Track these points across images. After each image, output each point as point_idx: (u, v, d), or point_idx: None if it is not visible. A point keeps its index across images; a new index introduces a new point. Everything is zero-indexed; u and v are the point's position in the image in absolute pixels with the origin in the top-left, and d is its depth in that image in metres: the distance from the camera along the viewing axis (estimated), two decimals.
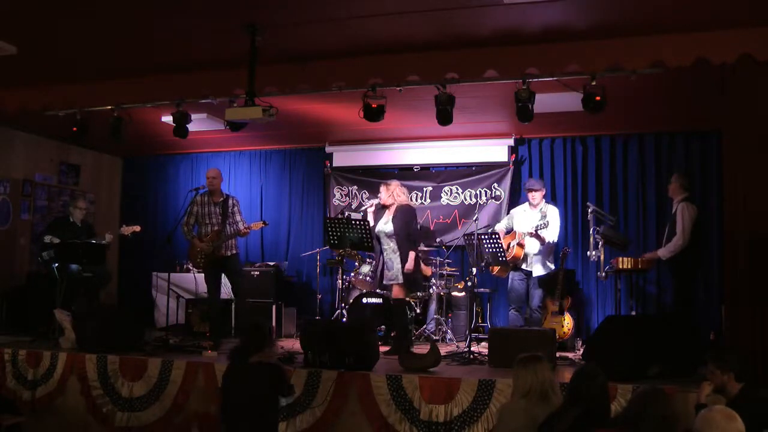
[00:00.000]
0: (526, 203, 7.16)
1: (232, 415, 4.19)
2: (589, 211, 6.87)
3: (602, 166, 8.09)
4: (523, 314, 7.02)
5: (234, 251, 6.86)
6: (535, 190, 7.01)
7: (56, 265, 7.03)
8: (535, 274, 6.91)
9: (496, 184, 8.39)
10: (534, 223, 6.75)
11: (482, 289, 7.69)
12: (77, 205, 7.80)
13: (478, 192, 8.47)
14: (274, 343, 4.45)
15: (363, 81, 5.68)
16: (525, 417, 3.52)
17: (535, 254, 6.87)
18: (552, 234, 6.81)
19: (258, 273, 8.22)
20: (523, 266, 6.90)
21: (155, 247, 8.71)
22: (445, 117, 5.76)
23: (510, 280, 7.04)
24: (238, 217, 6.84)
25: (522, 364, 3.72)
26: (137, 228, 7.48)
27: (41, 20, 5.02)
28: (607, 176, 8.07)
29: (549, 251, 6.94)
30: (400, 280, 6.30)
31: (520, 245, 6.82)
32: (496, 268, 6.93)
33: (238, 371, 4.30)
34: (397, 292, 6.39)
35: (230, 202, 6.87)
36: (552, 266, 6.98)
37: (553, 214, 6.93)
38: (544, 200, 7.11)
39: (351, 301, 7.29)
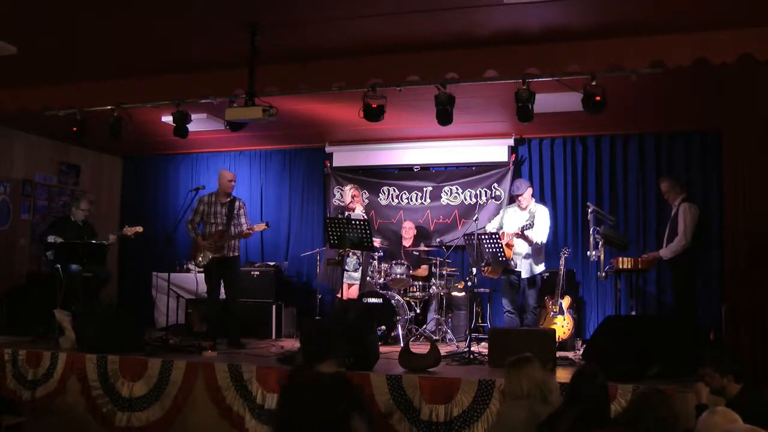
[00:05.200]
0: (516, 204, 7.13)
1: None
2: (589, 211, 6.86)
3: (602, 166, 8.09)
4: (518, 316, 7.00)
5: (236, 253, 6.92)
6: (520, 195, 6.93)
7: (59, 266, 7.03)
8: (523, 276, 6.88)
9: (496, 184, 8.39)
10: (521, 224, 6.72)
11: (482, 289, 7.68)
12: (80, 207, 7.80)
13: (478, 192, 8.47)
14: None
15: (363, 81, 5.68)
16: (523, 417, 3.53)
17: (523, 256, 6.84)
18: (539, 234, 6.74)
19: (258, 273, 8.22)
20: (512, 267, 6.86)
21: (155, 247, 8.71)
22: (445, 117, 5.76)
23: (503, 286, 7.02)
24: (242, 219, 6.89)
25: (513, 368, 3.72)
26: (140, 229, 7.48)
27: (41, 20, 5.02)
28: (607, 176, 8.06)
29: (537, 252, 6.88)
30: None
31: (509, 246, 6.79)
32: (488, 269, 6.80)
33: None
34: None
35: (237, 203, 6.92)
36: (539, 268, 6.91)
37: (542, 214, 6.86)
38: (533, 200, 7.06)
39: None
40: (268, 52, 5.25)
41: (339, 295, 7.42)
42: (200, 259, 6.84)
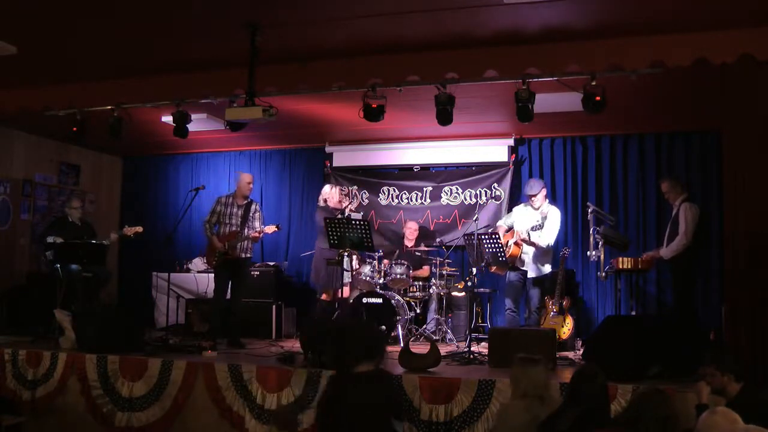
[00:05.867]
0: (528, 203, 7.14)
1: None
2: (589, 211, 6.86)
3: (602, 166, 8.09)
4: (520, 315, 7.02)
5: (249, 254, 6.98)
6: (534, 195, 6.90)
7: (59, 266, 7.03)
8: (529, 276, 6.91)
9: (496, 184, 8.39)
10: (532, 224, 6.74)
11: (482, 289, 7.69)
12: (72, 206, 7.82)
13: (478, 192, 8.47)
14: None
15: (363, 81, 5.68)
16: (523, 417, 3.53)
17: (531, 255, 6.86)
18: (547, 237, 6.76)
19: (258, 273, 8.22)
20: (519, 265, 6.90)
21: (155, 247, 8.71)
22: (445, 117, 5.76)
23: (507, 275, 7.04)
24: (257, 223, 6.96)
25: (517, 366, 3.73)
26: (139, 229, 7.50)
27: (41, 20, 5.02)
28: (607, 176, 8.06)
29: (544, 253, 6.90)
30: None
31: (517, 244, 6.82)
32: (494, 266, 6.91)
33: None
34: None
35: (253, 207, 7.00)
36: (546, 268, 6.93)
37: (553, 216, 6.87)
38: (546, 200, 7.08)
39: (351, 301, 7.29)
40: (268, 52, 5.25)
41: (324, 297, 7.42)
42: (212, 258, 6.89)
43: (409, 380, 4.90)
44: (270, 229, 6.92)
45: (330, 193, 7.62)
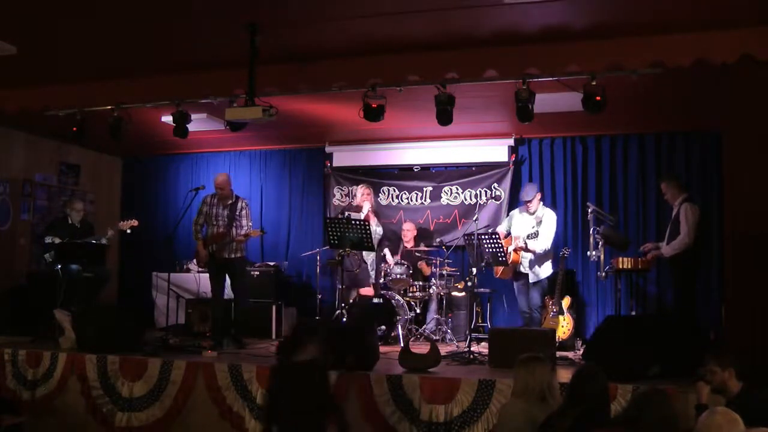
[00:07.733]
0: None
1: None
2: (589, 211, 6.86)
3: (602, 166, 8.09)
4: (526, 316, 7.03)
5: (238, 254, 6.77)
6: (529, 201, 6.90)
7: (60, 266, 7.03)
8: (530, 280, 6.91)
9: (496, 184, 8.40)
10: (526, 231, 6.76)
11: (482, 289, 7.69)
12: (73, 207, 7.81)
13: (478, 192, 8.47)
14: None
15: (363, 81, 5.68)
16: (524, 417, 3.53)
17: (529, 259, 6.86)
18: (543, 243, 6.76)
19: (258, 273, 8.22)
20: (521, 270, 6.91)
21: (155, 247, 8.71)
22: (445, 117, 5.76)
23: (516, 289, 7.07)
24: (244, 222, 6.75)
25: (522, 364, 3.73)
26: (135, 222, 7.48)
27: (41, 20, 5.02)
28: (607, 176, 8.07)
29: (543, 256, 6.88)
30: None
31: (516, 251, 6.82)
32: (500, 270, 6.91)
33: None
34: None
35: (239, 204, 6.79)
36: (546, 271, 6.91)
37: (548, 220, 6.86)
38: (541, 204, 7.07)
39: (351, 301, 7.30)
40: (268, 52, 5.25)
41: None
42: (202, 261, 6.86)
43: (409, 380, 4.90)
44: (255, 233, 6.74)
45: (353, 190, 7.49)
